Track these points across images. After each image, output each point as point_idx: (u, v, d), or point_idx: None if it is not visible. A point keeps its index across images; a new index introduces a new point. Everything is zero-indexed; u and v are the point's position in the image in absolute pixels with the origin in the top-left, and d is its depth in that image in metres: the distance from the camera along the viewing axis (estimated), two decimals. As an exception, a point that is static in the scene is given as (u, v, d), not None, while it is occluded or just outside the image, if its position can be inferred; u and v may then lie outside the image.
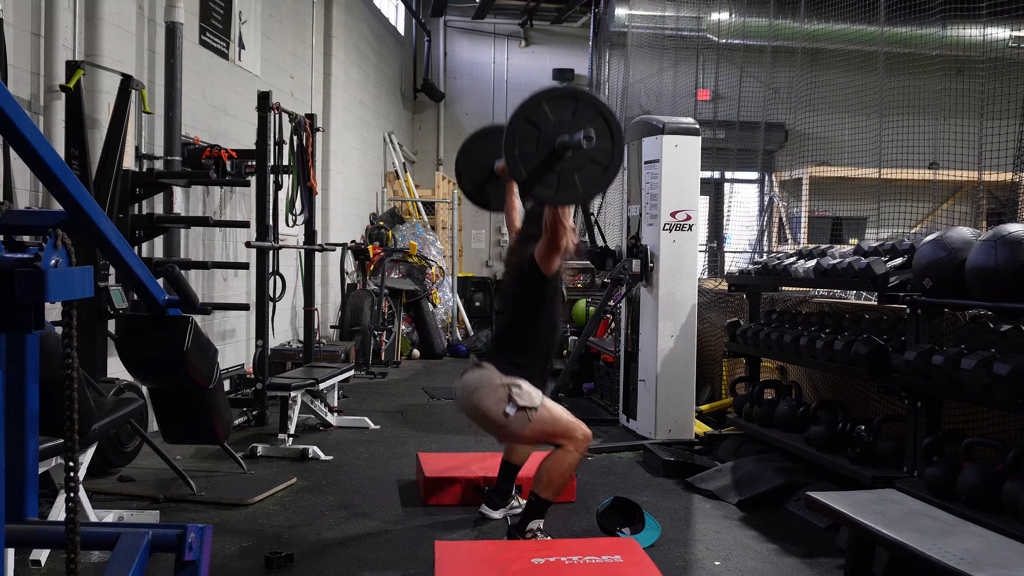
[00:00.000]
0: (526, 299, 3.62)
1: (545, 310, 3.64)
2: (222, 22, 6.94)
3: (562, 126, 3.13)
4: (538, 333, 3.64)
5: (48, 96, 4.73)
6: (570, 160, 3.14)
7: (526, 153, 3.13)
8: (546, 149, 3.13)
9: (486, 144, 4.12)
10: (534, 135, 3.13)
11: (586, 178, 3.18)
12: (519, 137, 3.13)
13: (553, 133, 3.13)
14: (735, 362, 6.41)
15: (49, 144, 2.08)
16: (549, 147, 3.13)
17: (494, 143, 3.99)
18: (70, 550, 1.90)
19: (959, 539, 2.81)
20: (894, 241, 4.47)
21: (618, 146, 3.22)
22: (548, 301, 3.64)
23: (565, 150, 3.12)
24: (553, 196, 3.20)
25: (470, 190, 4.21)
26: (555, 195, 3.20)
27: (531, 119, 3.13)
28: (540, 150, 3.13)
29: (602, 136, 3.16)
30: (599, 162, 3.19)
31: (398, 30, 13.73)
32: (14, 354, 2.09)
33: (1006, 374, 3.04)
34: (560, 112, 3.15)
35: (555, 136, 3.12)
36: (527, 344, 3.61)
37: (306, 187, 6.98)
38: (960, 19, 5.77)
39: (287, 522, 3.97)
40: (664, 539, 3.83)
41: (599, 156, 3.18)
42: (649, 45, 10.43)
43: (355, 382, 8.02)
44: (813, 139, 7.82)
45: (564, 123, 3.14)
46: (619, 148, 3.23)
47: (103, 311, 4.70)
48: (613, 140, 3.20)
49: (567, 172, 3.15)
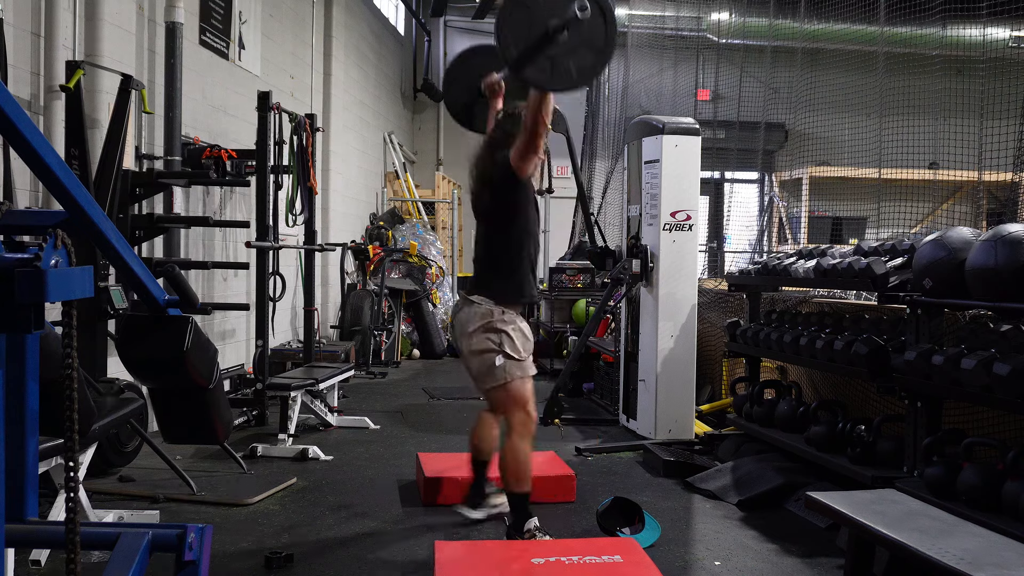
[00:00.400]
0: (502, 210, 3.60)
1: (522, 217, 3.62)
2: (222, 22, 6.94)
3: (554, 7, 3.06)
4: (520, 243, 3.63)
5: (48, 96, 4.73)
6: (563, 44, 3.06)
7: (518, 36, 3.05)
8: (538, 32, 3.05)
9: (474, 64, 4.10)
10: (526, 18, 3.05)
11: (580, 63, 3.10)
12: (511, 20, 3.06)
13: (545, 15, 3.05)
14: (735, 362, 6.41)
15: (49, 144, 2.08)
16: (541, 30, 3.05)
17: (482, 63, 3.99)
18: (70, 550, 1.90)
19: (959, 539, 2.81)
20: (894, 241, 4.47)
21: (611, 28, 3.14)
22: (524, 208, 3.62)
23: (558, 31, 3.04)
24: (547, 80, 3.12)
25: (456, 110, 4.21)
26: (549, 79, 3.11)
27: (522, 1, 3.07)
28: (532, 33, 3.05)
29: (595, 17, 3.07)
30: (593, 46, 3.11)
31: (398, 30, 13.73)
32: (14, 354, 2.09)
33: (1006, 374, 3.04)
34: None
35: (547, 18, 3.05)
36: (510, 257, 3.61)
37: (306, 187, 6.98)
38: (960, 19, 5.77)
39: (287, 522, 3.98)
40: (664, 539, 3.83)
41: (593, 40, 3.10)
42: (649, 45, 10.44)
43: (355, 382, 8.02)
44: (813, 139, 7.83)
45: (556, 4, 3.06)
46: (612, 30, 3.15)
47: (103, 311, 4.70)
48: (606, 22, 3.12)
49: (560, 56, 3.07)
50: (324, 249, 7.80)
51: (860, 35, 7.31)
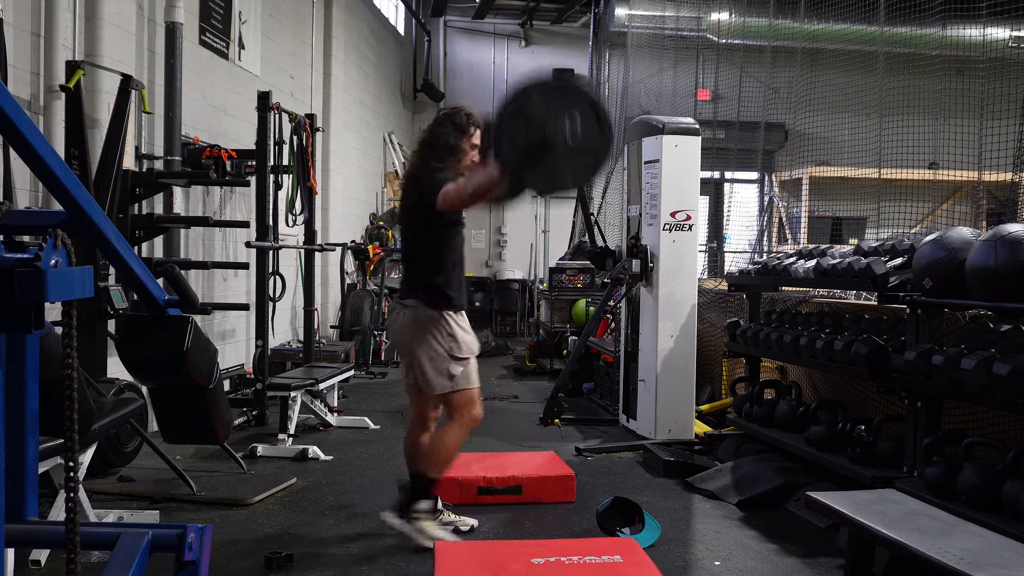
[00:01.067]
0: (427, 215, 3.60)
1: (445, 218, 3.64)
2: (222, 22, 6.94)
3: (549, 117, 3.09)
4: (448, 244, 3.67)
5: (48, 96, 4.73)
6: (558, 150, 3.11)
7: (515, 144, 3.10)
8: (534, 140, 3.10)
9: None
10: (522, 126, 3.10)
11: (575, 168, 3.15)
12: (506, 128, 3.11)
13: (541, 124, 3.09)
14: (735, 362, 6.41)
15: (49, 144, 2.08)
16: (537, 138, 3.09)
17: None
18: (70, 550, 1.90)
19: (959, 539, 2.81)
20: (894, 241, 4.46)
21: (607, 135, 3.17)
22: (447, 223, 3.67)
23: (552, 142, 3.09)
24: (544, 187, 3.17)
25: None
26: (546, 186, 3.17)
27: (519, 109, 3.11)
28: (528, 141, 3.10)
29: (590, 126, 3.12)
30: (588, 151, 3.15)
31: (398, 30, 13.73)
32: (14, 354, 2.09)
33: (1006, 374, 3.04)
34: (548, 102, 3.12)
35: (543, 127, 3.09)
36: (438, 257, 3.65)
37: (306, 187, 6.98)
38: (960, 19, 5.78)
39: (287, 522, 3.98)
40: (664, 539, 3.83)
41: (588, 145, 3.14)
42: (649, 45, 10.44)
43: (355, 382, 8.02)
44: (813, 139, 7.82)
45: (552, 114, 3.10)
46: (608, 137, 3.18)
47: (103, 311, 4.70)
48: (602, 129, 3.16)
49: (556, 162, 3.12)
50: (324, 249, 7.80)
51: (860, 35, 7.31)
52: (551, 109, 3.11)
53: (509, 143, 3.12)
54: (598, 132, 3.16)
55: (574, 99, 3.16)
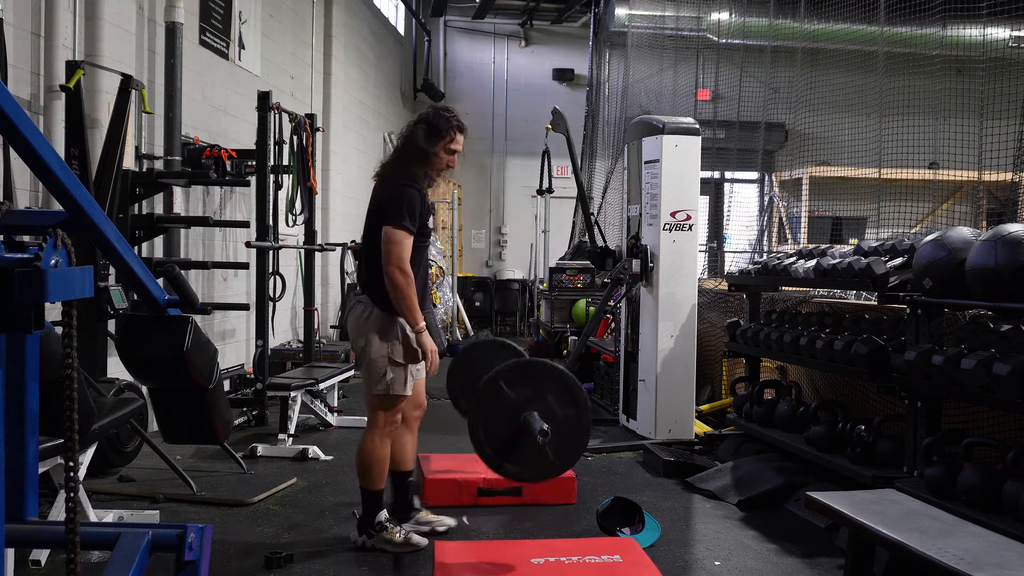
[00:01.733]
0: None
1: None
2: (222, 22, 6.94)
3: (524, 403, 3.18)
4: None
5: (48, 96, 4.73)
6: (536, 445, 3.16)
7: (492, 433, 3.18)
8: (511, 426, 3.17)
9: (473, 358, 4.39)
10: (497, 415, 3.18)
11: (558, 448, 3.19)
12: (482, 421, 3.18)
13: (516, 411, 3.18)
14: (735, 362, 6.41)
15: (49, 144, 2.08)
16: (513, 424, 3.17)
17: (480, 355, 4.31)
18: (70, 550, 1.90)
19: (959, 539, 2.81)
20: (894, 241, 4.46)
21: (584, 416, 3.23)
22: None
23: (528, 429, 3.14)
24: (526, 473, 3.22)
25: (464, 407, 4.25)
26: (528, 472, 3.22)
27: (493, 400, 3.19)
28: (505, 428, 3.17)
29: (567, 404, 3.20)
30: (569, 431, 3.21)
31: (398, 30, 13.73)
32: (14, 354, 2.09)
33: (1006, 374, 3.04)
34: (521, 388, 3.20)
35: (519, 414, 3.17)
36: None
37: (306, 187, 6.98)
38: (960, 19, 5.77)
39: (287, 522, 3.97)
40: (664, 539, 3.83)
41: (567, 426, 3.20)
42: (649, 45, 10.44)
43: (355, 382, 7.99)
44: (813, 139, 7.82)
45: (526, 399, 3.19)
46: (586, 417, 3.24)
47: (103, 311, 4.70)
48: (578, 408, 3.22)
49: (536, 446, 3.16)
50: (324, 249, 7.80)
51: (860, 35, 7.30)
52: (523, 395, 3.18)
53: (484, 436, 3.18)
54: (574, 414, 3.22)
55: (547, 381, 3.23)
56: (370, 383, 3.57)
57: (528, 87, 14.72)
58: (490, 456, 3.15)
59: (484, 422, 3.17)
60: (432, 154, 3.56)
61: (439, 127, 3.56)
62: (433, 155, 3.57)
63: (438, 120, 3.57)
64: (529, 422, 3.10)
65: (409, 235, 3.46)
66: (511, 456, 3.16)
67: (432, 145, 3.55)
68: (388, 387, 3.52)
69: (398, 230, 3.43)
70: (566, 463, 3.22)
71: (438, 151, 3.57)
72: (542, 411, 3.16)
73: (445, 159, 3.61)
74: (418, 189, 3.54)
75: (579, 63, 14.14)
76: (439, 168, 3.62)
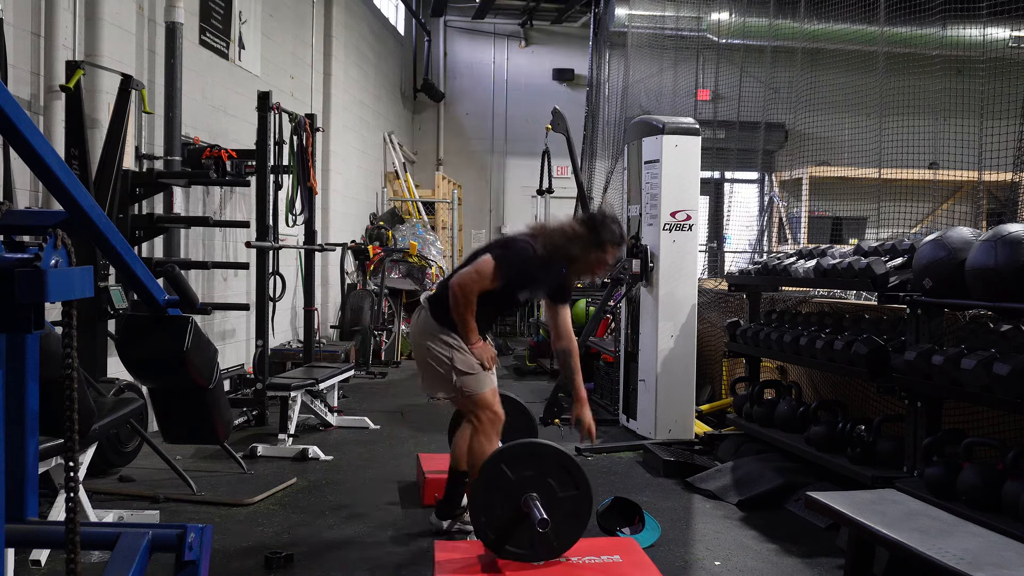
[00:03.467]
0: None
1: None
2: (222, 22, 6.94)
3: (525, 483, 3.20)
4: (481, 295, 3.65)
5: (48, 96, 4.73)
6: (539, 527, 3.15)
7: (495, 516, 3.18)
8: (513, 508, 3.18)
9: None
10: (500, 496, 3.19)
11: (560, 530, 3.20)
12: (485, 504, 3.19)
13: (518, 491, 3.19)
14: (735, 362, 6.41)
15: (49, 144, 2.08)
16: (515, 506, 3.18)
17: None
18: (70, 550, 1.90)
19: (959, 539, 2.80)
20: (894, 241, 4.46)
21: (585, 495, 3.24)
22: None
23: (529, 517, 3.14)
24: (528, 555, 3.22)
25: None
26: (530, 554, 3.21)
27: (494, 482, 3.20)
28: (507, 510, 3.18)
29: (567, 486, 3.22)
30: (570, 512, 3.22)
31: (398, 30, 13.73)
32: (14, 354, 2.09)
33: (1006, 374, 3.04)
34: (521, 469, 3.21)
35: (520, 495, 3.18)
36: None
37: (306, 187, 6.98)
38: (960, 19, 5.77)
39: (287, 522, 3.97)
40: (664, 539, 3.83)
41: (567, 506, 3.21)
42: (649, 45, 10.44)
43: (355, 382, 8.02)
44: (813, 139, 7.82)
45: (526, 480, 3.20)
46: (587, 497, 3.25)
47: (103, 311, 4.70)
48: (579, 488, 3.24)
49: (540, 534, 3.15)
50: (324, 249, 7.80)
51: (860, 35, 7.30)
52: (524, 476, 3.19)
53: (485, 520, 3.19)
54: (575, 495, 3.23)
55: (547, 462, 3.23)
56: (427, 387, 3.67)
57: (528, 87, 14.73)
58: (492, 542, 3.20)
59: (485, 507, 3.20)
60: (580, 260, 3.57)
61: (598, 239, 3.53)
62: (581, 261, 3.58)
63: (606, 232, 3.54)
64: (530, 507, 3.13)
65: (495, 279, 3.49)
66: (512, 539, 3.20)
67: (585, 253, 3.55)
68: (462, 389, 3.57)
69: (491, 267, 3.49)
70: (565, 544, 3.26)
71: (590, 259, 3.57)
72: (542, 491, 3.20)
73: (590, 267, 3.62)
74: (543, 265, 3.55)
75: (579, 63, 14.14)
76: (579, 271, 3.68)
